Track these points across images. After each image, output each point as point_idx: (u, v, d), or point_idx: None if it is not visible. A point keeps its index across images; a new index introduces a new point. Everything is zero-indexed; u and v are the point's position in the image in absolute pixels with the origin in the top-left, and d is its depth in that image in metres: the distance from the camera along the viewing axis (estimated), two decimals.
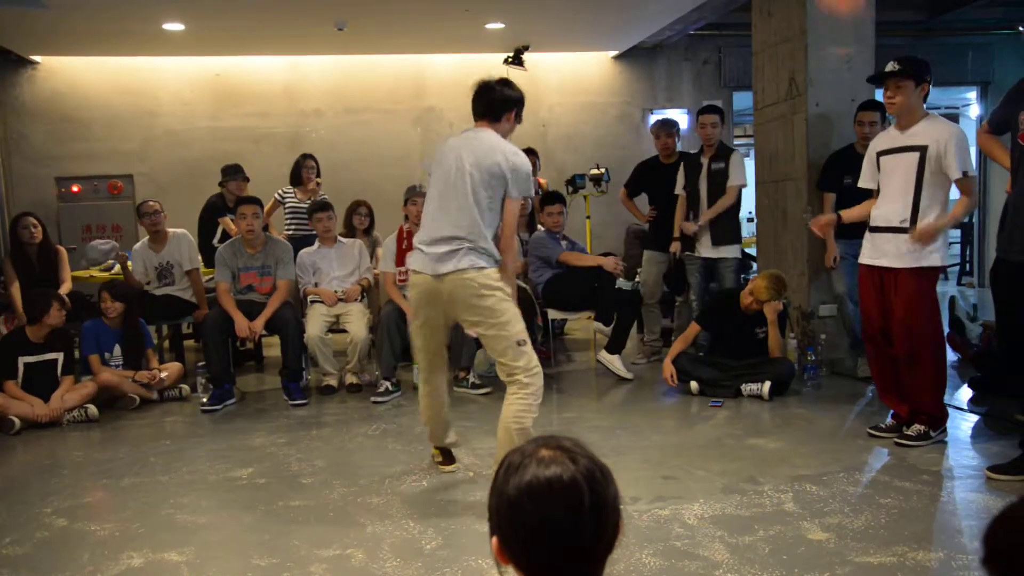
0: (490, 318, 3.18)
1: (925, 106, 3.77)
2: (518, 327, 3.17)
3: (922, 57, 3.79)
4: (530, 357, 3.16)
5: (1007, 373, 3.76)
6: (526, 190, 3.29)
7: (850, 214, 4.02)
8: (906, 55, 3.76)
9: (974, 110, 10.15)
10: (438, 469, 3.68)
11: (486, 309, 3.17)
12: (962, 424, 4.16)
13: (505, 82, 3.39)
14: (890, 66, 3.69)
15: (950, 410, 3.96)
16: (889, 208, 3.77)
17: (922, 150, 3.65)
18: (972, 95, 10.09)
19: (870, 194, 3.96)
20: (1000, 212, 3.49)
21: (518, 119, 3.43)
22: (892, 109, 3.76)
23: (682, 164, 5.77)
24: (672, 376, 4.93)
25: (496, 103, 3.33)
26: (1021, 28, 8.82)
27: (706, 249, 5.60)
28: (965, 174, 3.58)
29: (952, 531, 2.92)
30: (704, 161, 5.62)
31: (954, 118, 11.04)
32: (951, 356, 5.61)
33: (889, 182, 3.79)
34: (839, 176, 5.07)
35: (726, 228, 5.57)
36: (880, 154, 3.84)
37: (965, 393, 4.76)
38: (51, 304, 4.88)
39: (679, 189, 5.72)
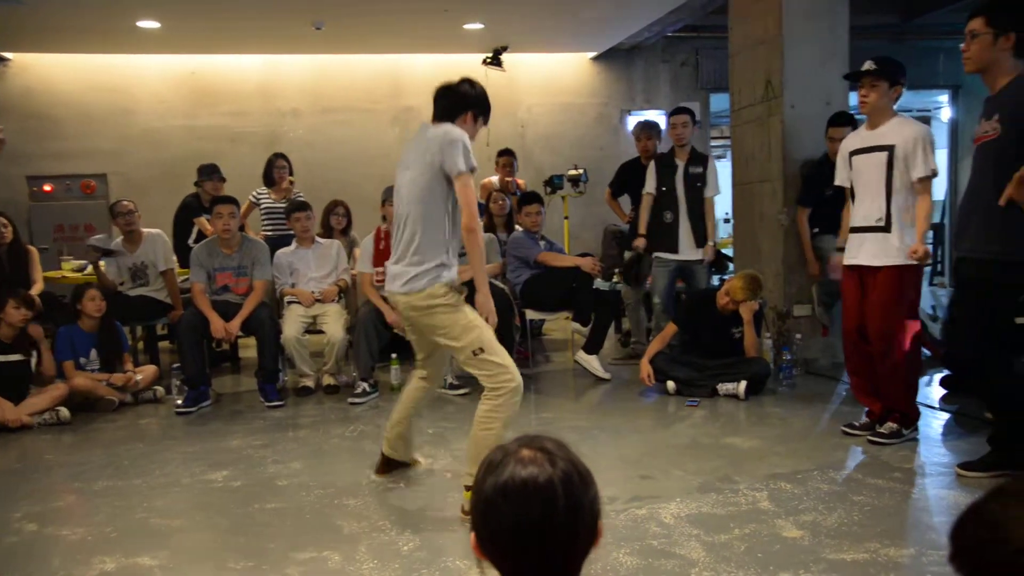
0: (442, 334, 3.09)
1: (896, 108, 3.85)
2: (470, 336, 3.02)
3: (896, 59, 3.85)
4: (493, 364, 3.02)
5: (956, 371, 3.84)
6: (459, 160, 2.98)
7: (843, 238, 4.11)
8: (883, 56, 3.83)
9: (945, 113, 10.28)
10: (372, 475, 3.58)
11: (434, 327, 3.10)
12: (933, 422, 4.22)
13: (467, 82, 3.21)
14: (867, 65, 3.77)
15: (921, 408, 4.01)
16: (866, 208, 3.84)
17: (890, 149, 3.73)
18: (944, 98, 10.23)
19: (843, 197, 4.05)
20: None
21: (479, 121, 3.23)
22: (864, 108, 3.84)
23: (653, 164, 5.78)
24: (649, 376, 4.96)
25: (448, 105, 3.17)
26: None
27: (686, 252, 5.60)
28: (932, 174, 3.68)
29: (924, 527, 2.96)
30: (680, 163, 5.64)
31: (926, 121, 11.18)
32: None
33: (862, 182, 3.87)
34: (819, 190, 5.13)
35: (702, 230, 5.62)
36: (852, 153, 3.92)
37: (936, 391, 4.82)
38: (7, 302, 4.80)
39: (650, 188, 5.72)
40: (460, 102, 3.17)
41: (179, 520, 3.21)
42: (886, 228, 3.74)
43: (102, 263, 5.69)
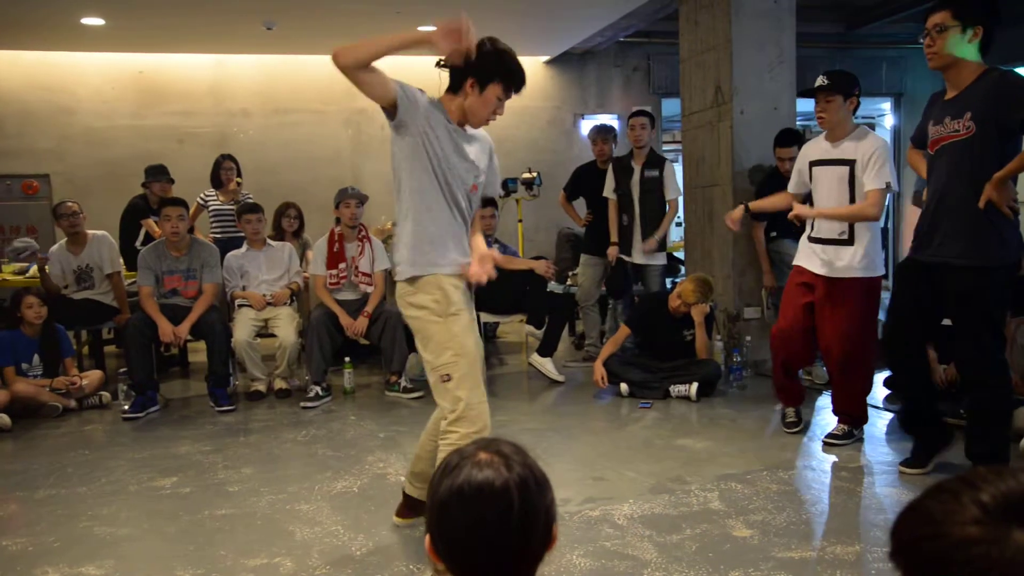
0: (419, 344, 2.68)
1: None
2: (442, 359, 2.57)
3: (849, 71, 3.88)
4: (455, 397, 2.55)
5: (889, 365, 3.84)
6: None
7: (759, 204, 4.20)
8: (835, 69, 3.85)
9: (888, 120, 10.56)
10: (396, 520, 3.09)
11: (414, 332, 2.69)
12: (878, 422, 4.32)
13: (486, 42, 2.64)
14: (819, 80, 3.76)
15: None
16: (827, 220, 3.81)
17: (851, 164, 3.74)
18: (886, 106, 10.50)
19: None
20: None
21: (483, 88, 2.59)
22: (822, 124, 3.82)
23: (612, 167, 5.83)
24: (602, 378, 4.99)
25: (454, 69, 2.65)
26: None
27: (638, 255, 5.69)
28: (887, 187, 3.67)
29: (868, 525, 3.03)
30: (636, 166, 5.70)
31: (870, 127, 11.47)
32: None
33: (823, 194, 3.85)
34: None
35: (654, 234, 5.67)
36: (812, 163, 3.91)
37: (880, 391, 4.94)
38: None
39: (609, 192, 5.78)
40: (465, 66, 2.61)
41: (125, 528, 3.14)
42: (849, 241, 3.75)
43: (47, 266, 5.54)
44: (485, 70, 2.59)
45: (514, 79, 2.63)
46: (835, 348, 3.83)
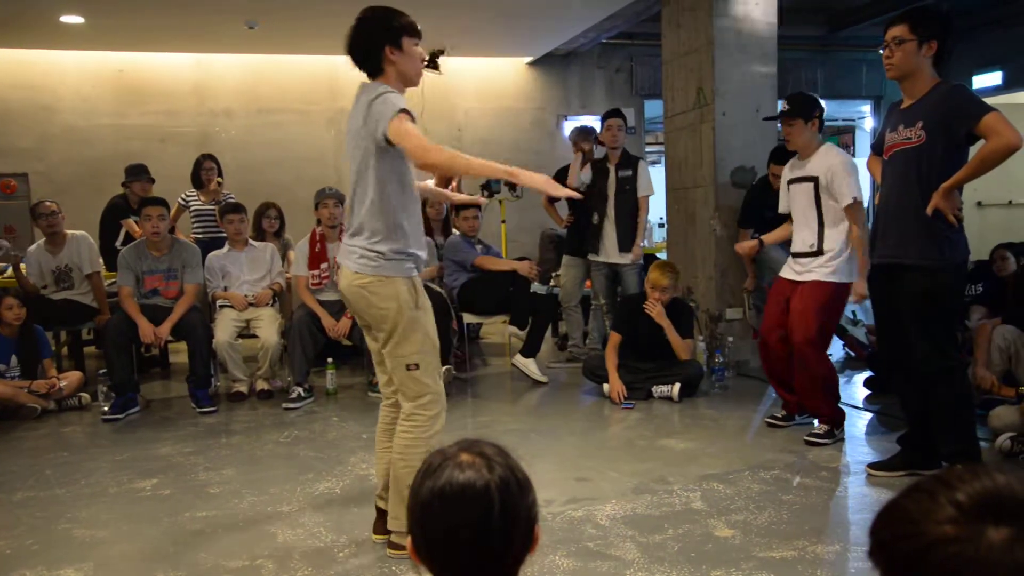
0: (381, 330, 2.71)
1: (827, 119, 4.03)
2: (409, 348, 2.66)
3: (810, 94, 4.10)
4: (423, 384, 2.67)
5: (888, 372, 3.99)
6: (390, 108, 2.56)
7: (770, 237, 4.39)
8: (796, 93, 4.12)
9: (868, 122, 10.66)
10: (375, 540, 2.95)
11: (376, 319, 2.70)
12: (858, 422, 4.36)
13: (367, 12, 2.71)
14: (781, 105, 4.04)
15: (846, 409, 4.15)
16: (801, 235, 4.07)
17: (815, 180, 3.97)
18: (867, 108, 10.61)
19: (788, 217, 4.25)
20: None
21: (401, 46, 2.63)
22: (791, 146, 4.11)
23: (590, 164, 5.80)
24: (620, 394, 4.81)
25: (361, 55, 2.72)
26: None
27: (612, 255, 5.70)
28: (854, 201, 3.86)
29: (848, 524, 3.06)
30: (611, 167, 5.71)
31: (850, 130, 11.58)
32: (839, 355, 5.92)
33: (797, 210, 4.09)
34: (759, 212, 5.27)
35: (630, 235, 5.67)
36: (789, 182, 4.15)
37: (860, 391, 4.99)
38: None
39: (572, 180, 5.60)
40: (368, 39, 2.70)
41: (105, 531, 3.11)
42: (818, 252, 3.97)
43: (23, 266, 5.49)
44: (391, 32, 2.67)
45: (414, 27, 2.73)
46: (793, 340, 3.98)
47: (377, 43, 2.66)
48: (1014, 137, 2.98)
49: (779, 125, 5.22)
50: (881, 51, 3.32)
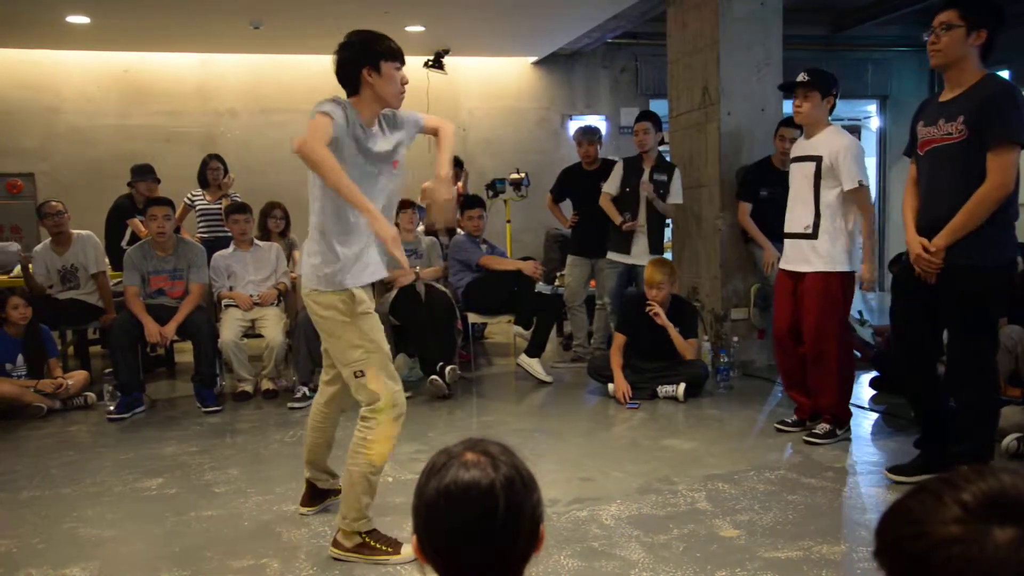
0: (328, 342, 2.85)
1: (831, 118, 3.97)
2: (353, 356, 2.76)
3: (830, 72, 3.95)
4: (370, 391, 2.75)
5: (901, 373, 3.90)
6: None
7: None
8: (816, 67, 3.93)
9: (874, 122, 10.63)
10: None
11: (322, 331, 2.85)
12: (863, 422, 4.35)
13: (353, 36, 2.82)
14: (800, 76, 3.87)
15: (852, 409, 4.13)
16: (796, 214, 3.96)
17: (818, 160, 3.84)
18: (872, 108, 10.57)
19: (783, 207, 4.11)
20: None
21: (379, 70, 2.73)
22: (798, 118, 3.95)
23: (622, 165, 5.66)
24: (624, 394, 4.81)
25: (341, 76, 2.82)
26: None
27: (640, 256, 5.54)
28: (859, 185, 3.77)
29: (854, 525, 3.05)
30: (645, 168, 5.56)
31: (856, 130, 11.54)
32: None
33: (794, 189, 4.00)
34: (756, 188, 5.26)
35: (660, 238, 5.64)
36: (791, 161, 4.06)
37: (866, 392, 4.98)
38: None
39: (610, 189, 5.60)
40: (344, 66, 2.79)
41: (111, 530, 3.12)
42: (813, 235, 3.86)
43: (30, 266, 5.51)
44: (370, 55, 2.74)
45: (396, 52, 2.79)
46: (809, 343, 3.92)
47: (356, 64, 2.74)
48: (1011, 184, 2.93)
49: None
50: (926, 37, 3.11)
